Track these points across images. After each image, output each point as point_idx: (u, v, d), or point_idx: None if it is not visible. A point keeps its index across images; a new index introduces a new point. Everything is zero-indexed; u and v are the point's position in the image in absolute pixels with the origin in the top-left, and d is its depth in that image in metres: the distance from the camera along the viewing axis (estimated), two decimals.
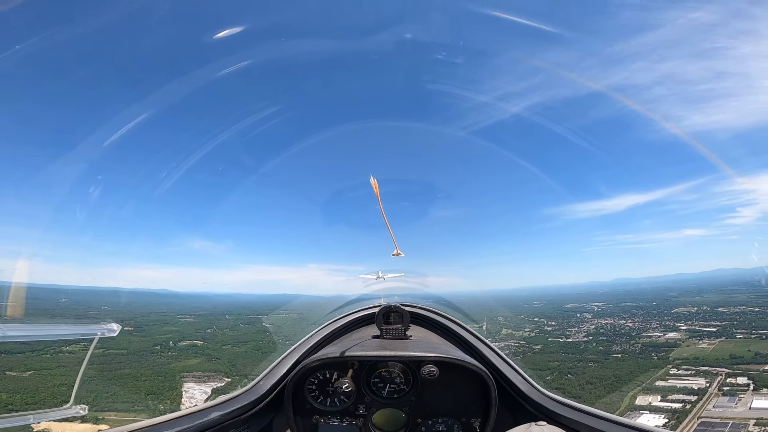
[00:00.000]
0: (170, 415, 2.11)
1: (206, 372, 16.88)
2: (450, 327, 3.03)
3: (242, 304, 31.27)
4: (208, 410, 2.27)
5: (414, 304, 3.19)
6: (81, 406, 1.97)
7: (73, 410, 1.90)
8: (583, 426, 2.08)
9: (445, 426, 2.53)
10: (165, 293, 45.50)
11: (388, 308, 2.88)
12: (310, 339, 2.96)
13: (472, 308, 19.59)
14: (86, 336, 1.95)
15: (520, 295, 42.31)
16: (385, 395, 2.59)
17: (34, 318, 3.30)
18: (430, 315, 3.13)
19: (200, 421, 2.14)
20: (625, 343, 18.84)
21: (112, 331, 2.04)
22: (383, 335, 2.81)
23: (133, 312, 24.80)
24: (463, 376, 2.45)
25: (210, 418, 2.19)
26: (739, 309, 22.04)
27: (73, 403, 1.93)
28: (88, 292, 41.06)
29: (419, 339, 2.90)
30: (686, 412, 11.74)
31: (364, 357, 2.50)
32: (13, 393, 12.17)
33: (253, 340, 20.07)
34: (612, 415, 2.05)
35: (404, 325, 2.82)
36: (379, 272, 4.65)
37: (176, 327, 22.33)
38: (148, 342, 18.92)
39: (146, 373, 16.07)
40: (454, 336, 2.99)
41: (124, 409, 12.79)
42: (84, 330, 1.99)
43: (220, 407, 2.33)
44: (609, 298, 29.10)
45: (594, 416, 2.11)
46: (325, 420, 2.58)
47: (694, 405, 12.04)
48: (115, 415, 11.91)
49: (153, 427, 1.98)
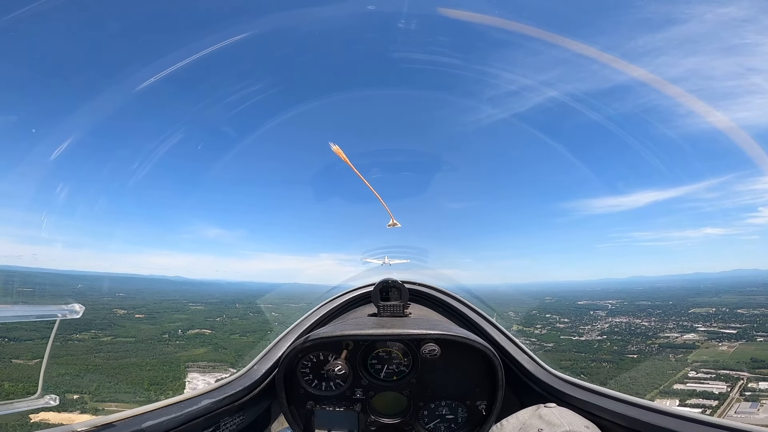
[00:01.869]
0: (156, 403, 1.96)
1: (211, 362, 16.67)
2: (452, 304, 2.88)
3: (253, 293, 31.41)
4: (197, 398, 2.09)
5: (414, 281, 3.05)
6: (51, 396, 1.72)
7: (42, 401, 1.67)
8: (596, 407, 1.90)
9: (449, 409, 2.37)
10: (179, 280, 46.00)
11: (386, 284, 2.68)
12: (306, 320, 2.83)
13: (482, 302, 19.03)
14: (44, 317, 1.68)
15: (531, 289, 41.74)
16: (383, 377, 2.41)
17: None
18: (431, 292, 2.99)
19: (189, 409, 1.96)
20: (640, 343, 18.19)
21: (74, 313, 1.76)
22: (380, 313, 2.64)
23: (146, 299, 24.96)
24: (467, 355, 2.31)
25: (200, 406, 2.02)
26: (759, 311, 21.31)
27: (41, 393, 1.69)
28: (103, 278, 41.74)
29: (419, 316, 2.71)
30: None
31: (359, 336, 2.29)
32: (16, 382, 12.10)
33: (261, 330, 19.87)
34: (628, 396, 1.87)
35: (403, 302, 2.62)
36: (385, 257, 4.54)
37: (186, 315, 22.31)
38: (157, 330, 18.85)
39: (152, 362, 15.93)
40: (456, 313, 2.85)
41: (126, 400, 12.66)
42: (40, 311, 1.70)
43: (211, 394, 2.16)
44: (623, 296, 28.43)
45: (608, 397, 1.95)
46: (320, 406, 2.41)
47: (714, 410, 11.39)
48: (116, 406, 11.73)
49: (137, 417, 1.82)
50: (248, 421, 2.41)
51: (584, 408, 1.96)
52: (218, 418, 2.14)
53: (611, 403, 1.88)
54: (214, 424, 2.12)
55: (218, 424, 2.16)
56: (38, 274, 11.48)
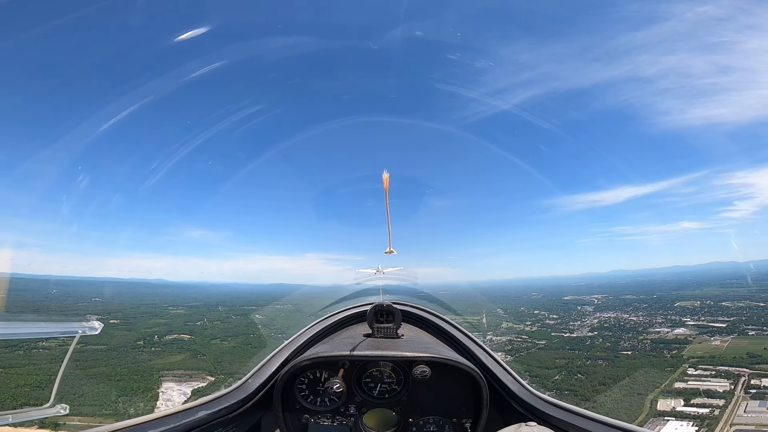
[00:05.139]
0: (155, 414, 1.93)
1: (188, 370, 15.36)
2: (442, 326, 2.92)
3: (237, 295, 30.60)
4: (194, 409, 2.09)
5: (406, 303, 3.09)
6: (62, 405, 1.77)
7: (53, 410, 1.73)
8: (572, 426, 1.96)
9: (436, 426, 2.44)
10: (160, 283, 44.43)
11: (380, 307, 2.70)
12: (300, 337, 2.85)
13: (471, 299, 17.90)
14: (66, 334, 1.80)
15: (516, 286, 41.62)
16: (376, 395, 2.49)
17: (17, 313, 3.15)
18: (422, 314, 3.04)
19: (186, 420, 1.98)
20: (632, 339, 17.68)
21: (93, 329, 1.87)
22: (375, 334, 2.66)
23: (123, 303, 23.64)
24: (455, 376, 2.37)
25: (197, 417, 2.03)
26: (744, 303, 21.27)
27: (53, 402, 1.74)
28: (80, 283, 40.00)
29: (411, 338, 2.75)
30: (716, 419, 10.47)
31: (355, 357, 2.36)
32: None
33: (243, 334, 18.77)
34: (600, 416, 1.92)
35: (396, 324, 2.65)
36: (378, 266, 4.70)
37: (165, 319, 21.01)
38: (132, 336, 17.48)
39: (122, 371, 14.57)
40: (445, 335, 2.89)
41: (89, 413, 11.36)
42: (64, 328, 1.85)
43: (207, 406, 2.16)
44: (607, 290, 28.45)
45: (583, 417, 1.99)
46: (315, 420, 2.47)
47: (722, 410, 10.77)
48: (78, 420, 10.48)
49: (137, 426, 1.81)
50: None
51: (563, 428, 1.99)
52: (213, 429, 2.15)
53: (589, 424, 1.92)
54: None
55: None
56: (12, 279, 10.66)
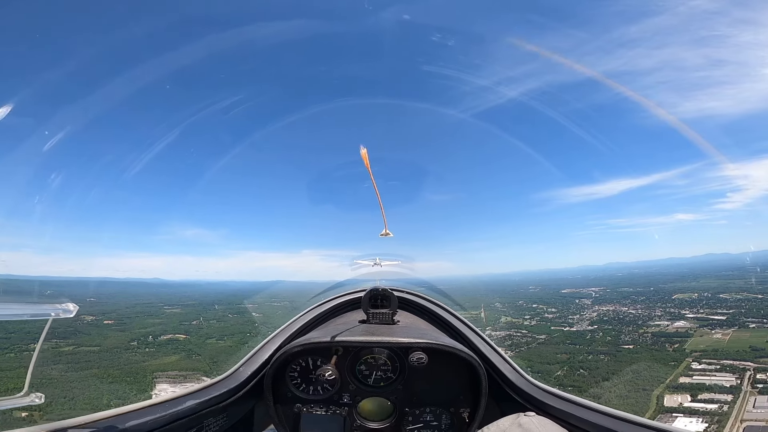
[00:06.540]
0: (141, 403, 1.84)
1: (183, 371, 14.94)
2: (438, 313, 2.87)
3: (234, 292, 30.17)
4: (182, 398, 1.98)
5: (403, 289, 3.04)
6: (36, 394, 1.58)
7: (27, 399, 1.54)
8: (574, 417, 1.89)
9: (433, 416, 2.34)
10: (156, 282, 43.90)
11: (376, 291, 2.60)
12: (294, 324, 2.75)
13: (468, 293, 17.38)
14: (37, 316, 1.59)
15: (513, 279, 41.40)
16: (371, 383, 2.38)
17: None
18: (419, 300, 2.99)
19: (174, 410, 1.86)
20: (633, 333, 17.41)
21: (68, 312, 1.65)
22: (370, 320, 2.56)
23: (118, 304, 23.18)
24: (453, 364, 2.28)
25: (185, 406, 1.92)
26: (742, 295, 21.08)
27: (27, 391, 1.56)
28: (76, 284, 39.38)
29: (407, 324, 2.66)
30: (725, 415, 10.18)
31: (348, 342, 2.27)
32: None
33: (240, 332, 18.31)
34: (601, 405, 1.87)
35: (392, 310, 2.55)
36: (376, 258, 4.51)
37: (160, 319, 20.55)
38: (126, 337, 17.01)
39: (115, 373, 14.07)
40: (442, 322, 2.83)
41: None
42: (35, 310, 1.61)
43: (196, 395, 2.05)
44: (604, 282, 28.28)
45: (583, 407, 1.93)
46: (308, 409, 2.37)
47: (731, 405, 10.48)
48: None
49: (121, 416, 1.73)
50: (231, 423, 2.29)
51: (562, 417, 1.92)
52: (202, 419, 2.04)
53: (588, 414, 1.86)
54: (198, 424, 2.01)
55: (202, 425, 2.04)
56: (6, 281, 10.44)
